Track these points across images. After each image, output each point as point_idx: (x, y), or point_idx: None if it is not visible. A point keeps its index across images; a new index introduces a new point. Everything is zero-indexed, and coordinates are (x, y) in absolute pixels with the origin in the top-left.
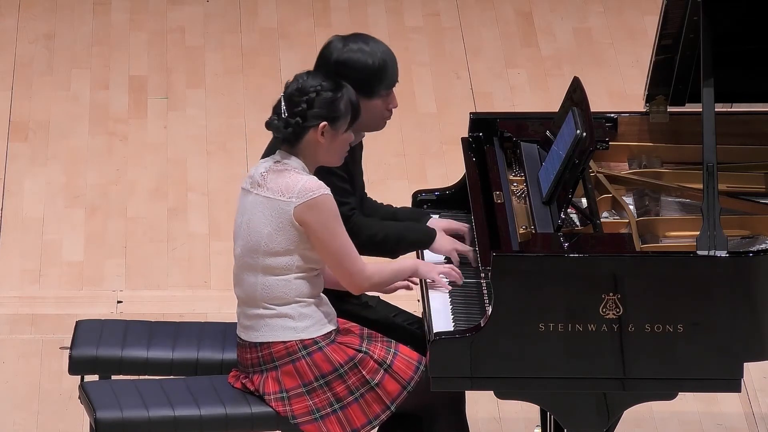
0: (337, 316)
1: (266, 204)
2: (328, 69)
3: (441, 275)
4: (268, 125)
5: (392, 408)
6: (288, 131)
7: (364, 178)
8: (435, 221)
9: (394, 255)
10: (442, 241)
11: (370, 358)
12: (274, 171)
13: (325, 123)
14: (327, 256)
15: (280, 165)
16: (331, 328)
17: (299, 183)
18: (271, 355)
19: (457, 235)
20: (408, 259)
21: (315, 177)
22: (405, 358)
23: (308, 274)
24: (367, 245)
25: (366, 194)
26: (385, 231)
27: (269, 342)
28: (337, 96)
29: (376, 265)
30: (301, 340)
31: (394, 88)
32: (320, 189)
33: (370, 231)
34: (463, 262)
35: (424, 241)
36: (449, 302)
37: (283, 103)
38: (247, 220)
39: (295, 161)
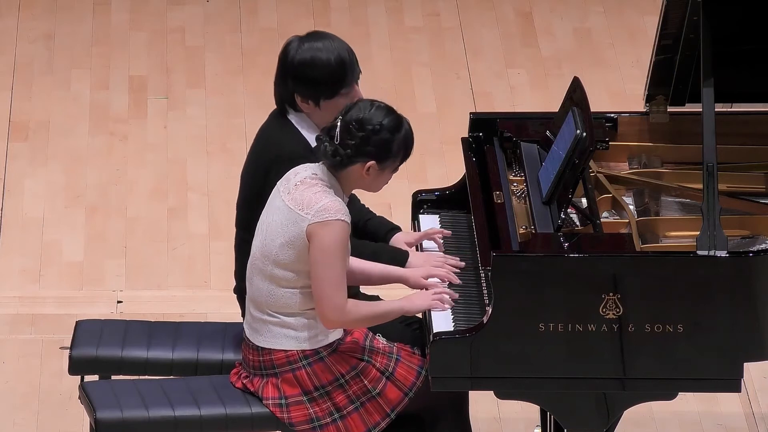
0: None
1: (286, 213)
2: (289, 70)
3: (434, 300)
4: (318, 141)
5: (392, 416)
6: (335, 159)
7: None
8: (399, 235)
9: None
10: (415, 261)
11: (372, 367)
12: (307, 182)
13: (373, 162)
14: (314, 276)
15: (315, 179)
16: (334, 338)
17: (321, 202)
18: (272, 361)
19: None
20: (394, 303)
21: (340, 201)
22: (406, 363)
23: None
24: None
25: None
26: (360, 248)
27: (271, 348)
28: (393, 138)
29: (357, 304)
30: (303, 350)
31: (357, 84)
32: (338, 214)
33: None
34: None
35: (397, 261)
36: None
37: (338, 128)
38: (269, 222)
39: (331, 182)
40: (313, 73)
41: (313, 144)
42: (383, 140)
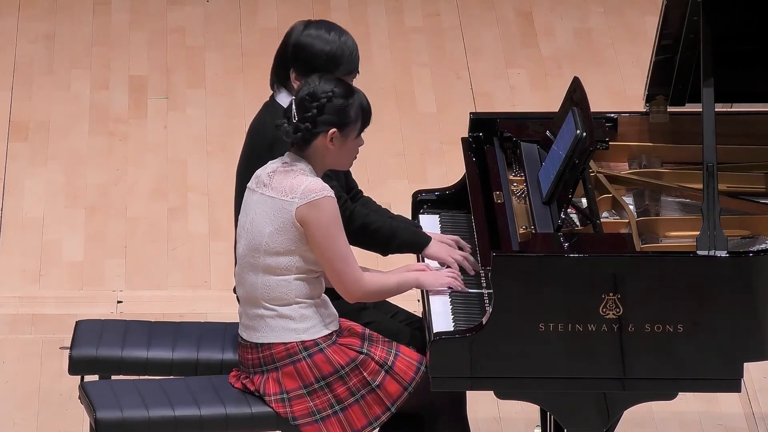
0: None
1: (269, 203)
2: (287, 52)
3: (449, 279)
4: (277, 128)
5: (393, 409)
6: (297, 136)
7: (365, 178)
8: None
9: (384, 250)
10: (437, 247)
11: (371, 360)
12: (280, 172)
13: (334, 130)
14: (322, 258)
15: (287, 166)
16: (332, 329)
17: (303, 184)
18: (272, 356)
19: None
20: (410, 273)
21: (320, 179)
22: (406, 358)
23: (309, 275)
24: (360, 234)
25: (363, 194)
26: (379, 223)
27: (270, 343)
28: (348, 102)
29: (373, 275)
30: (302, 342)
31: (354, 78)
32: (323, 191)
33: (366, 219)
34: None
35: (416, 244)
36: (449, 302)
37: (293, 107)
38: (250, 220)
39: (303, 164)
40: (307, 56)
41: None
42: (338, 106)
